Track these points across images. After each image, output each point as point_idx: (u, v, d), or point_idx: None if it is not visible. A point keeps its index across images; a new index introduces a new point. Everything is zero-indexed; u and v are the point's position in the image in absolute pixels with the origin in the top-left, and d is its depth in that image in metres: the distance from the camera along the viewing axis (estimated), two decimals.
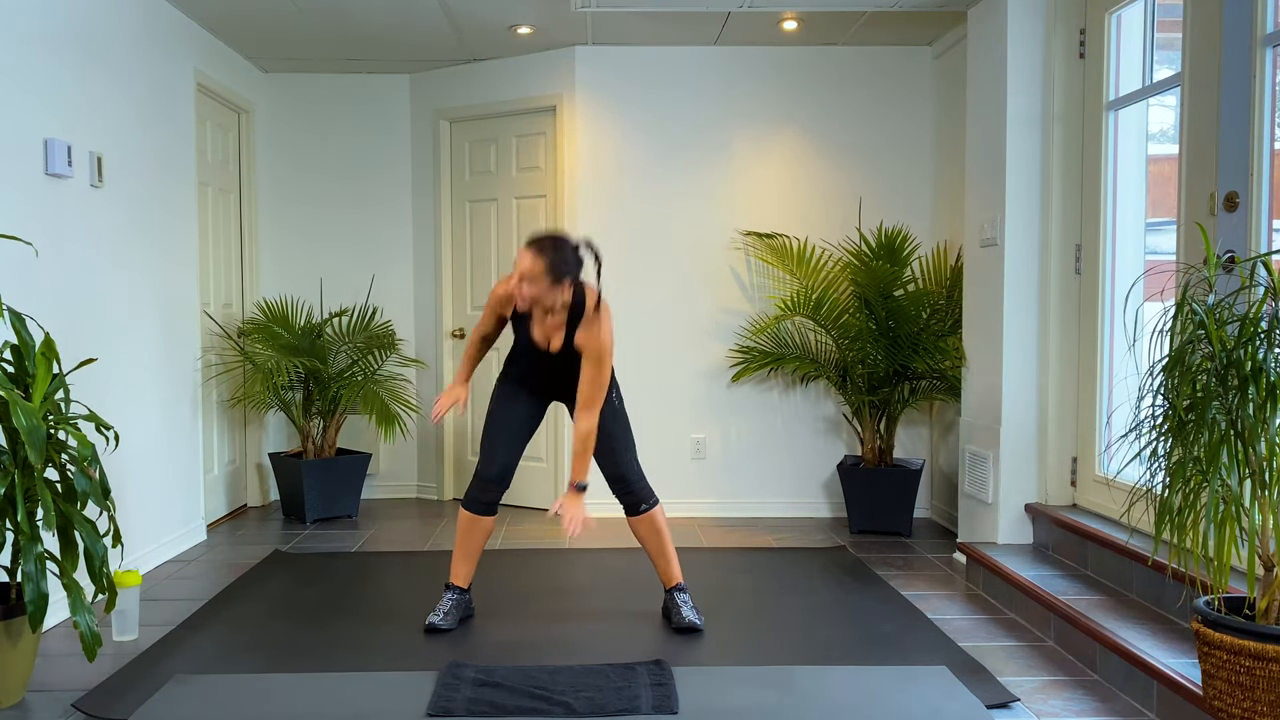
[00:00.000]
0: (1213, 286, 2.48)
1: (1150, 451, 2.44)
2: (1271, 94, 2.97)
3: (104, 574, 2.88)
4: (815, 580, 4.13)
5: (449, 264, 5.85)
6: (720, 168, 5.41)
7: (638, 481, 3.52)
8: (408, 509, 5.67)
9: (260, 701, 2.82)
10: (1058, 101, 4.05)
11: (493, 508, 3.54)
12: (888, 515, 4.97)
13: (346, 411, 5.47)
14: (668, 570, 3.59)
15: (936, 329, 4.88)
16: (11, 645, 2.79)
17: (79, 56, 3.80)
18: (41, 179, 3.54)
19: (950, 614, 3.70)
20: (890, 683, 2.95)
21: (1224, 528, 2.30)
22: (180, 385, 4.70)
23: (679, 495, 5.47)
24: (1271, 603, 2.34)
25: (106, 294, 4.01)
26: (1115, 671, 2.95)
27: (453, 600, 3.54)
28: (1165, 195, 3.70)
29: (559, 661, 3.15)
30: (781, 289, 5.41)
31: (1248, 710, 2.27)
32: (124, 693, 2.91)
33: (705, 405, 5.46)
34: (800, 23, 4.95)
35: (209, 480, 5.17)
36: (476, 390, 5.80)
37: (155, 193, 4.44)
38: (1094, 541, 3.63)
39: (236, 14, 4.78)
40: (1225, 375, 2.31)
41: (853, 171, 5.42)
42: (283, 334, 5.35)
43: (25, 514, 2.69)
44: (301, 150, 5.90)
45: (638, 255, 5.42)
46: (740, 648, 3.30)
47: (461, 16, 4.84)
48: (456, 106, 5.72)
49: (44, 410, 2.82)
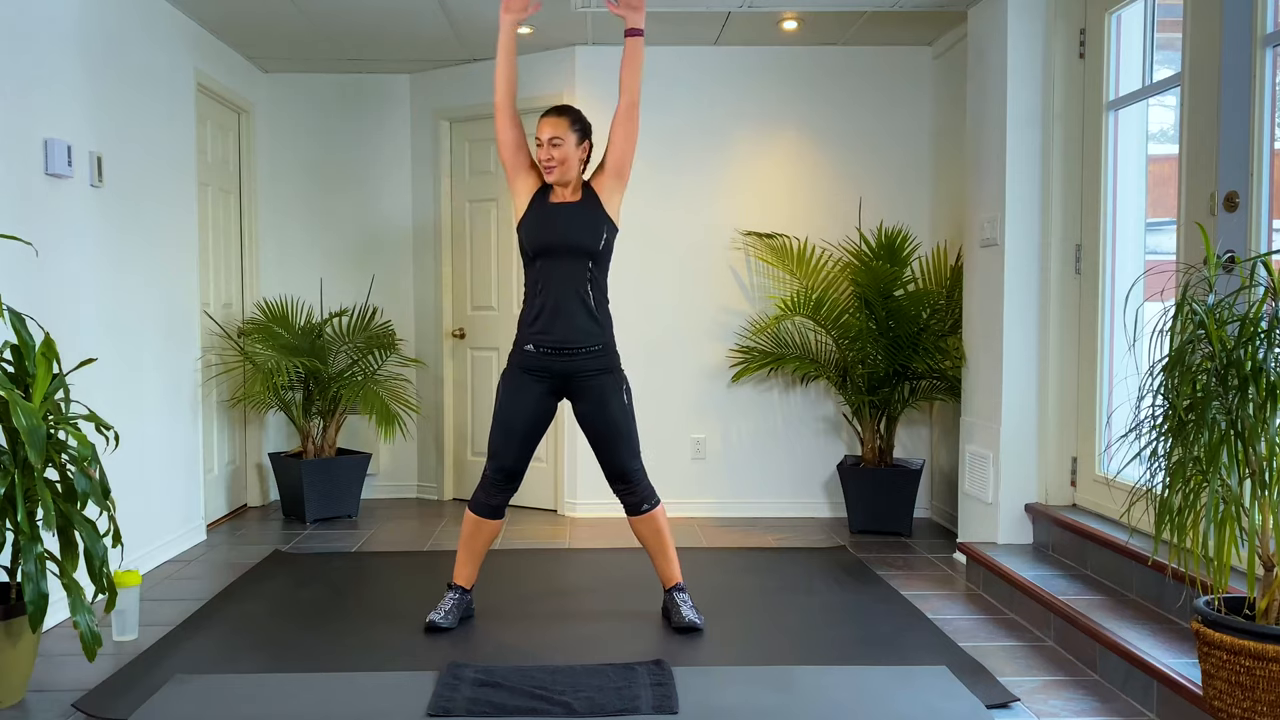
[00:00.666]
0: (1213, 286, 2.48)
1: (1150, 451, 2.44)
2: (1271, 94, 2.97)
3: (104, 574, 2.88)
4: (815, 580, 4.13)
5: (449, 264, 5.85)
6: (720, 168, 5.41)
7: (640, 481, 3.52)
8: (408, 509, 5.67)
9: (260, 701, 2.82)
10: (1058, 101, 4.05)
11: (500, 511, 3.52)
12: (888, 515, 4.97)
13: (346, 411, 5.47)
14: (668, 570, 3.59)
15: (936, 329, 4.88)
16: (11, 645, 2.79)
17: (79, 56, 3.80)
18: (41, 179, 3.54)
19: (950, 614, 3.70)
20: (890, 683, 2.95)
21: (1224, 528, 2.30)
22: (180, 385, 4.70)
23: (679, 495, 5.47)
24: (1271, 603, 2.34)
25: (106, 294, 4.01)
26: (1115, 671, 2.95)
27: (454, 600, 3.54)
28: (1165, 195, 3.70)
29: (559, 661, 3.15)
30: (781, 289, 5.41)
31: (1248, 710, 2.27)
32: (124, 693, 2.91)
33: (705, 405, 5.46)
34: (800, 23, 4.95)
35: (209, 480, 5.17)
36: (476, 391, 5.80)
37: (155, 193, 4.44)
38: (1094, 541, 3.63)
39: (236, 14, 4.78)
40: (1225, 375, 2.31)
41: (853, 171, 5.42)
42: (283, 334, 5.35)
43: (25, 514, 2.69)
44: (301, 150, 5.90)
45: (638, 255, 5.41)
46: (740, 648, 3.30)
47: (461, 16, 4.84)
48: (456, 106, 5.72)
49: (44, 410, 2.82)
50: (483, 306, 5.77)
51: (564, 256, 3.42)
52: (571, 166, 3.45)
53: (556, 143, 3.41)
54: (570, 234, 3.41)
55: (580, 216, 3.43)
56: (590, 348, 3.46)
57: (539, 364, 3.46)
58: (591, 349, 3.46)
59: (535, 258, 3.46)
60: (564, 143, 3.42)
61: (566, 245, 3.41)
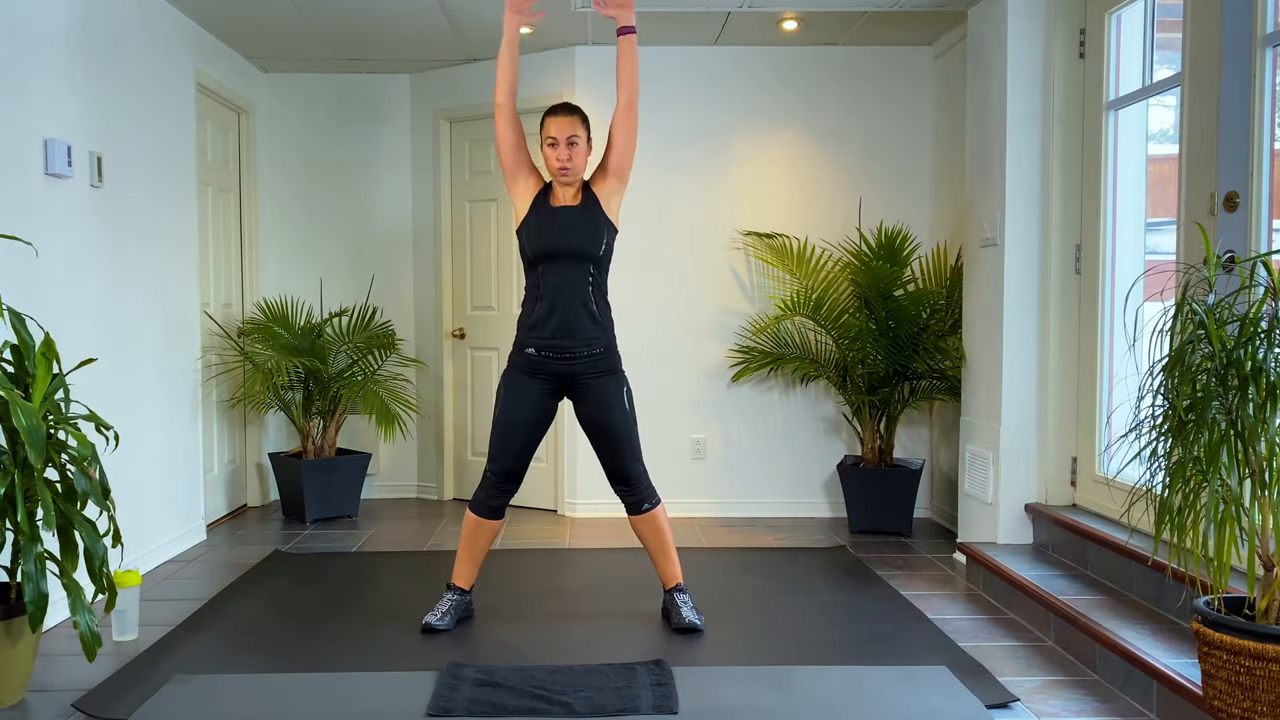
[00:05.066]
0: (1213, 286, 2.48)
1: (1150, 451, 2.44)
2: (1271, 94, 2.97)
3: (104, 574, 2.88)
4: (815, 580, 4.13)
5: (449, 264, 5.85)
6: (720, 168, 5.41)
7: (641, 480, 3.52)
8: (408, 509, 5.67)
9: (260, 701, 2.82)
10: (1058, 101, 4.05)
11: (500, 511, 3.52)
12: (888, 515, 4.97)
13: (346, 411, 5.47)
14: (668, 570, 3.59)
15: (936, 329, 4.88)
16: (11, 645, 2.79)
17: (79, 56, 3.80)
18: (41, 179, 3.54)
19: (950, 614, 3.70)
20: (890, 683, 2.95)
21: (1224, 528, 2.30)
22: (180, 385, 4.70)
23: (679, 495, 5.47)
24: (1271, 603, 2.34)
25: (106, 294, 4.01)
26: (1115, 671, 2.95)
27: (452, 601, 3.54)
28: (1165, 195, 3.70)
29: (559, 661, 3.15)
30: (781, 289, 5.41)
31: (1248, 710, 2.27)
32: (124, 693, 2.91)
33: (705, 405, 5.46)
34: (800, 23, 4.95)
35: (209, 480, 5.17)
36: (476, 391, 5.80)
37: (155, 193, 4.44)
38: (1094, 541, 3.63)
39: (236, 14, 4.78)
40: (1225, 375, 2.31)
41: (853, 171, 5.42)
42: (283, 334, 5.35)
43: (25, 514, 2.69)
44: (301, 150, 5.90)
45: (638, 255, 5.41)
46: (740, 648, 3.30)
47: (461, 16, 4.84)
48: (456, 106, 5.72)
49: (44, 410, 2.81)
50: (483, 306, 5.77)
51: (566, 261, 3.42)
52: (582, 166, 3.46)
53: (574, 141, 3.41)
54: (572, 239, 3.41)
55: (582, 221, 3.43)
56: (592, 350, 3.46)
57: (540, 366, 3.46)
58: (593, 351, 3.46)
59: (536, 262, 3.45)
60: (580, 141, 3.42)
61: (569, 250, 3.41)
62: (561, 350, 3.44)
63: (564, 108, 3.46)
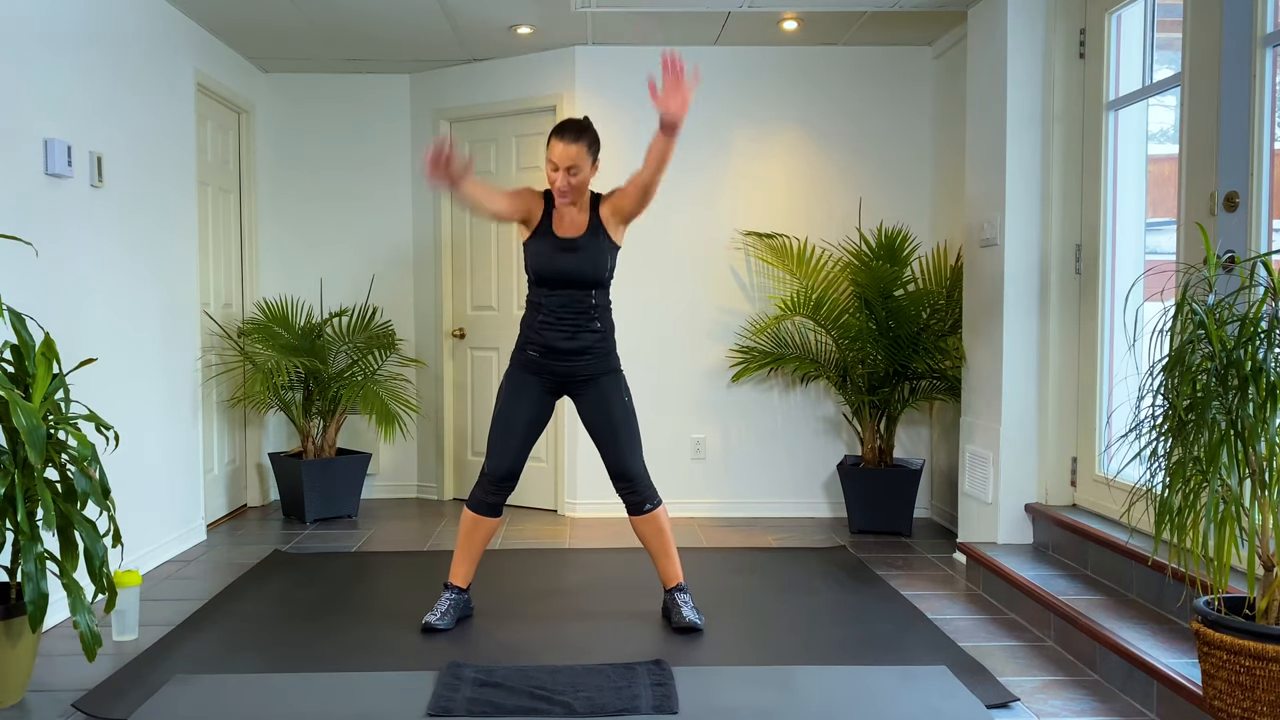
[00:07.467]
0: (1213, 286, 2.48)
1: (1150, 451, 2.44)
2: (1271, 94, 2.97)
3: (104, 574, 2.88)
4: (815, 580, 4.13)
5: (449, 264, 5.85)
6: (720, 168, 5.41)
7: (642, 480, 3.52)
8: (408, 509, 5.67)
9: (260, 701, 2.82)
10: (1058, 101, 4.05)
11: (498, 509, 3.53)
12: (888, 515, 4.97)
13: (346, 411, 5.47)
14: (669, 570, 3.59)
15: (936, 329, 4.88)
16: (11, 645, 2.79)
17: (79, 56, 3.80)
18: (41, 179, 3.54)
19: (950, 614, 3.70)
20: (890, 683, 2.95)
21: (1224, 528, 2.30)
22: (180, 385, 4.70)
23: (679, 495, 5.47)
24: (1271, 603, 2.34)
25: (106, 294, 4.01)
26: (1115, 671, 2.95)
27: (451, 600, 3.54)
28: (1165, 195, 3.70)
29: (559, 661, 3.15)
30: (781, 289, 5.41)
31: (1248, 710, 2.27)
32: (124, 693, 2.91)
33: (705, 405, 5.46)
34: (800, 23, 4.95)
35: (209, 480, 5.17)
36: (476, 391, 5.80)
37: (155, 193, 4.44)
38: (1094, 541, 3.63)
39: (236, 14, 4.78)
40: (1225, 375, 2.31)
41: (853, 171, 5.42)
42: (282, 334, 5.35)
43: (25, 514, 2.69)
44: (301, 150, 5.90)
45: (638, 255, 5.41)
46: (740, 648, 3.30)
47: (461, 16, 4.84)
48: (456, 106, 5.72)
49: (44, 410, 2.82)
50: (483, 306, 5.76)
51: (569, 286, 3.46)
52: (583, 191, 3.44)
53: (575, 172, 3.35)
54: (579, 269, 3.43)
55: (586, 252, 3.43)
56: (593, 354, 3.50)
57: (542, 366, 3.50)
58: (594, 355, 3.50)
59: (539, 283, 3.49)
60: (581, 171, 3.36)
61: (573, 279, 3.44)
62: (563, 354, 3.48)
63: (570, 131, 3.36)
